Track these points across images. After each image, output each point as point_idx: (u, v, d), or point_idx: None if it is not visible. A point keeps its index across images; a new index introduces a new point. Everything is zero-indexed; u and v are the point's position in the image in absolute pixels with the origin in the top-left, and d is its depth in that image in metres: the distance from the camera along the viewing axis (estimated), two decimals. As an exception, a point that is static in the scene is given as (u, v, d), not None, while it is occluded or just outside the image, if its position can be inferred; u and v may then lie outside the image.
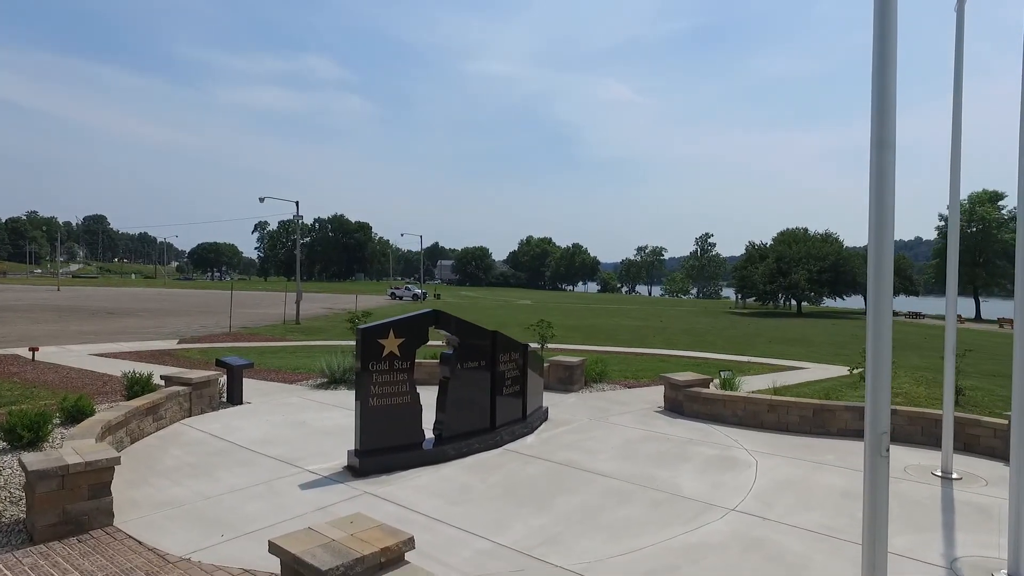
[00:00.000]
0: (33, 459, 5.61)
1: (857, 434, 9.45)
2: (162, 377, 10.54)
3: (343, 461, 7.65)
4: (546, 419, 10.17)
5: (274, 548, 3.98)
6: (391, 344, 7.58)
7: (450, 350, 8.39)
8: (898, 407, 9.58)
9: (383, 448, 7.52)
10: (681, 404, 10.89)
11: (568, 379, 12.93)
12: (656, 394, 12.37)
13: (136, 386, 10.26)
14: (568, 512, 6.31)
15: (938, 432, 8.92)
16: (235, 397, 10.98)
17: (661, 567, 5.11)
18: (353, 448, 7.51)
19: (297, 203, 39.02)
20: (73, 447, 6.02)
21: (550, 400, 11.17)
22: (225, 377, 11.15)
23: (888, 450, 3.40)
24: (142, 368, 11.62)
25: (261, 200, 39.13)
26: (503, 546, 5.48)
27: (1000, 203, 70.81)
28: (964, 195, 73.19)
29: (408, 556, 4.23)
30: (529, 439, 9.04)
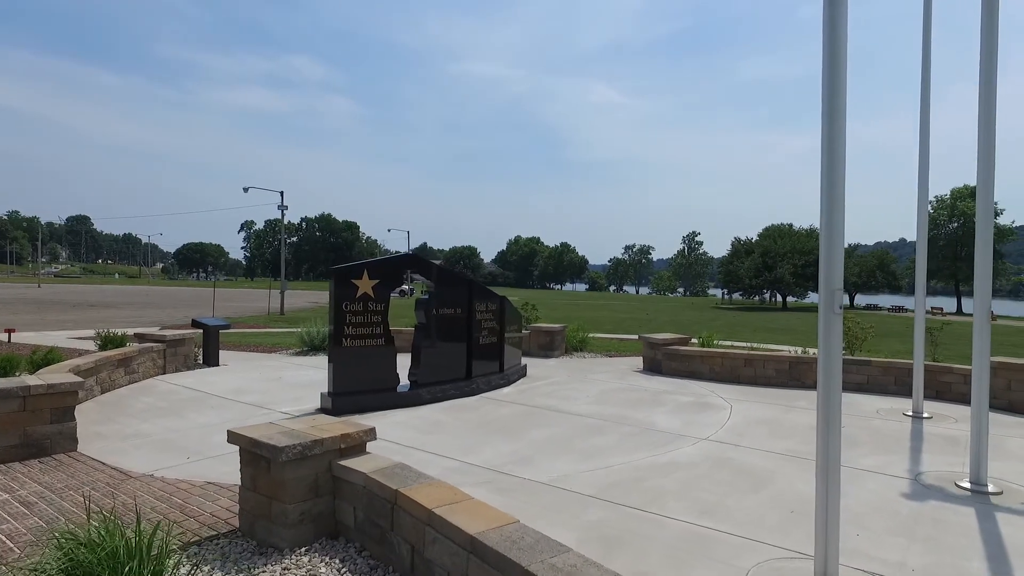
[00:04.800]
0: (-6, 382, 5.51)
1: (832, 386, 9.51)
2: (135, 335, 10.42)
3: (316, 405, 7.59)
4: (524, 375, 10.16)
5: (233, 436, 3.93)
6: (365, 285, 7.53)
7: (426, 295, 8.36)
8: (872, 358, 9.67)
9: (357, 390, 7.46)
10: (660, 363, 10.92)
11: (549, 345, 12.93)
12: (636, 361, 12.39)
13: (110, 344, 10.16)
14: (540, 441, 6.30)
15: (911, 381, 9.01)
16: (211, 358, 10.86)
17: (627, 479, 5.11)
18: (327, 391, 7.45)
19: (282, 193, 38.74)
20: (36, 375, 5.93)
21: (530, 364, 11.16)
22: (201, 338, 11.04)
23: (841, 307, 3.42)
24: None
25: (245, 190, 38.82)
26: (472, 464, 5.46)
27: (981, 199, 71.53)
28: (946, 190, 74.12)
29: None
30: (506, 389, 9.02)
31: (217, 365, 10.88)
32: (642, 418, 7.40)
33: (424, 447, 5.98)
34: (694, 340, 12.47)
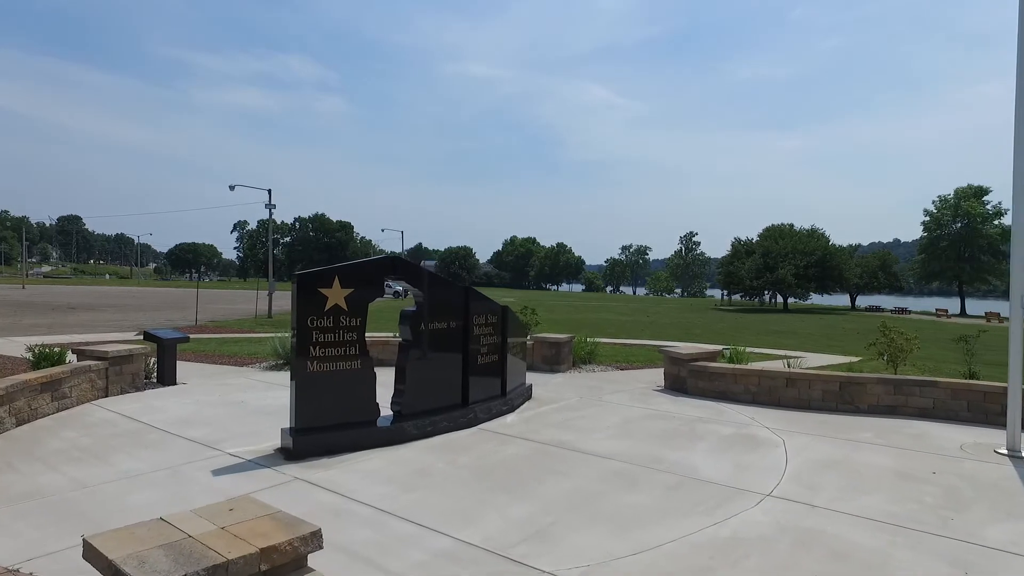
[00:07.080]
0: None
1: (891, 411, 8.13)
2: (74, 350, 8.93)
3: (277, 443, 6.14)
4: (530, 397, 8.72)
5: (89, 551, 2.48)
6: (336, 295, 6.07)
7: (412, 307, 6.90)
8: (938, 379, 8.26)
9: (326, 425, 6.01)
10: (684, 381, 9.49)
11: (554, 358, 11.49)
12: (653, 375, 10.99)
13: (45, 362, 8.67)
14: (557, 499, 4.86)
15: (987, 407, 7.67)
16: (166, 376, 9.38)
17: (688, 570, 3.68)
18: (288, 426, 6.00)
19: (269, 191, 37.16)
20: None
21: (535, 380, 9.71)
22: (156, 354, 9.56)
23: None
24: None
25: (232, 188, 37.29)
26: (470, 544, 4.01)
27: (985, 198, 70.54)
28: (949, 190, 73.10)
29: (325, 558, 2.78)
30: (509, 418, 7.58)
31: (174, 384, 9.40)
32: (680, 460, 5.97)
33: (405, 513, 4.53)
34: (714, 347, 11.05)
